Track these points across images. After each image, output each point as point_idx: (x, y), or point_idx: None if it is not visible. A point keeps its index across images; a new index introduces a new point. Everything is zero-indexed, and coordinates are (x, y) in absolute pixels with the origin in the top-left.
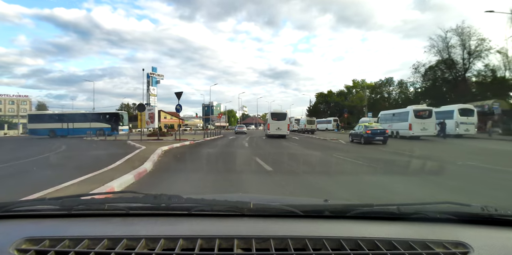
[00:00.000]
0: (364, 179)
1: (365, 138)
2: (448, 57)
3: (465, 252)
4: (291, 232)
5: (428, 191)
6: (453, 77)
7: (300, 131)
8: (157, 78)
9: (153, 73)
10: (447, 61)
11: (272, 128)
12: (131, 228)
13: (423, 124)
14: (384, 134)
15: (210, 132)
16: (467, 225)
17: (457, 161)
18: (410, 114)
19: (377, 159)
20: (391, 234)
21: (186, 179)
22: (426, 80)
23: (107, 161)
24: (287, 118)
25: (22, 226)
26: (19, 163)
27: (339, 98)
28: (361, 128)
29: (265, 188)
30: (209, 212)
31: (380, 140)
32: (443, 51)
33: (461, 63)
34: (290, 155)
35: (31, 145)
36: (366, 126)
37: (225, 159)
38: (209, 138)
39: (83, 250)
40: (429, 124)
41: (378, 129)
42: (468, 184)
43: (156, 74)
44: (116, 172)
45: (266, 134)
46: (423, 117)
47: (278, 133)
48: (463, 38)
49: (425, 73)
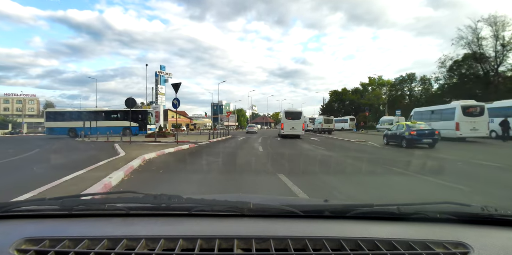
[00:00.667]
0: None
1: (408, 140)
2: (479, 50)
3: (465, 252)
4: (291, 232)
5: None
6: (484, 71)
7: (316, 131)
8: (166, 77)
9: (161, 72)
10: (478, 55)
11: (286, 127)
12: (131, 228)
13: (473, 124)
14: (433, 136)
15: (218, 132)
16: (467, 225)
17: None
18: (458, 111)
19: (465, 174)
20: (391, 234)
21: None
22: (454, 75)
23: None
24: (302, 117)
25: (22, 226)
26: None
27: (355, 96)
28: (401, 128)
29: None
30: (209, 212)
31: (428, 143)
32: (473, 43)
33: (493, 56)
34: (323, 166)
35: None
36: (409, 126)
37: (230, 179)
38: (215, 139)
39: (83, 250)
40: (480, 124)
41: (425, 129)
42: None
43: (165, 73)
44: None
45: (279, 134)
46: (473, 115)
47: (293, 132)
48: (496, 28)
49: (452, 68)
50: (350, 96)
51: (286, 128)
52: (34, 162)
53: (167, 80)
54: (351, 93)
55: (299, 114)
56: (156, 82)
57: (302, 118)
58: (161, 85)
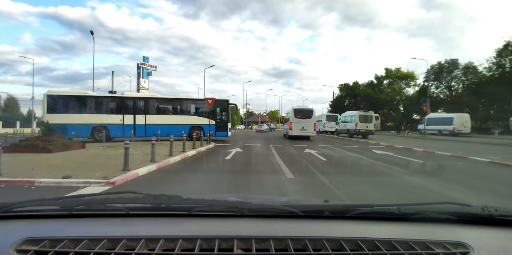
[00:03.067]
0: None
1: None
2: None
3: (465, 252)
4: (291, 233)
5: None
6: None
7: (341, 133)
8: (149, 70)
9: (144, 64)
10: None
11: (296, 127)
12: (131, 229)
13: None
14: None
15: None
16: (468, 225)
17: None
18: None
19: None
20: (391, 235)
21: None
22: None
23: None
24: (314, 115)
25: (22, 227)
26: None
27: (372, 91)
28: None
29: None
30: (209, 212)
31: None
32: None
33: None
34: None
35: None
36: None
37: None
38: (199, 149)
39: (83, 251)
40: None
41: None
42: None
43: (148, 65)
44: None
45: (287, 135)
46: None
47: (303, 133)
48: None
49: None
50: (366, 91)
51: (295, 128)
52: None
53: (151, 73)
54: (364, 87)
55: (311, 112)
56: (138, 75)
57: (314, 117)
58: (144, 78)
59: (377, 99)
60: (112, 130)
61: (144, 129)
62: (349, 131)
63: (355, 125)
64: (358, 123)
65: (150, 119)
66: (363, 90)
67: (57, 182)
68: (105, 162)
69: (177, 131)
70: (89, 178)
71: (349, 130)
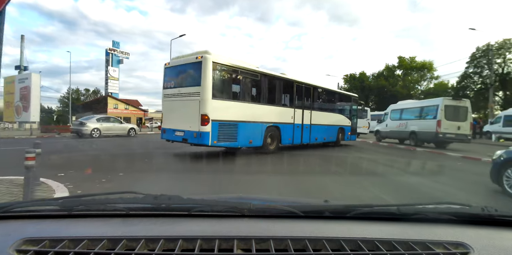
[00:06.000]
0: None
1: None
2: None
3: (465, 252)
4: (291, 233)
5: None
6: None
7: (388, 137)
8: (120, 57)
9: (114, 49)
10: None
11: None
12: (131, 229)
13: None
14: None
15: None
16: (468, 226)
17: None
18: None
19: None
20: (391, 235)
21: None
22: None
23: None
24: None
25: (21, 227)
26: None
27: (386, 82)
28: None
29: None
30: (209, 212)
31: None
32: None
33: None
34: None
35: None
36: None
37: None
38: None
39: (83, 251)
40: None
41: None
42: None
43: (119, 51)
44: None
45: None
46: None
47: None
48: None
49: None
50: (379, 82)
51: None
52: None
53: (122, 61)
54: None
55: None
56: (107, 63)
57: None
58: (113, 67)
59: (393, 92)
60: (283, 133)
61: (308, 131)
62: (418, 135)
63: (438, 124)
64: (443, 122)
65: (315, 118)
66: (374, 82)
67: None
68: None
69: (330, 134)
70: None
71: (418, 133)
